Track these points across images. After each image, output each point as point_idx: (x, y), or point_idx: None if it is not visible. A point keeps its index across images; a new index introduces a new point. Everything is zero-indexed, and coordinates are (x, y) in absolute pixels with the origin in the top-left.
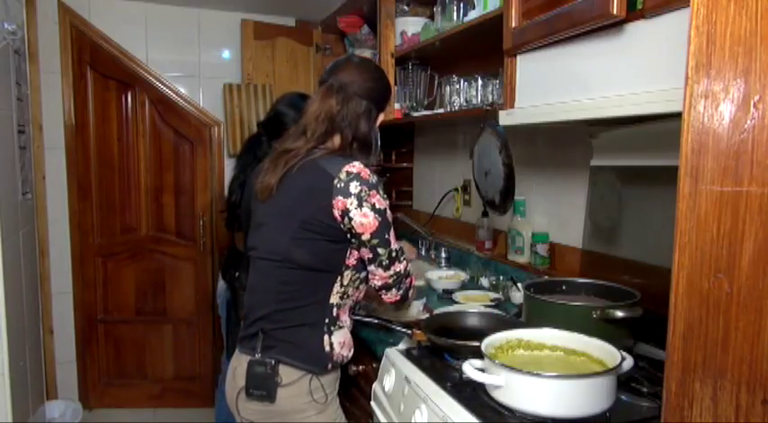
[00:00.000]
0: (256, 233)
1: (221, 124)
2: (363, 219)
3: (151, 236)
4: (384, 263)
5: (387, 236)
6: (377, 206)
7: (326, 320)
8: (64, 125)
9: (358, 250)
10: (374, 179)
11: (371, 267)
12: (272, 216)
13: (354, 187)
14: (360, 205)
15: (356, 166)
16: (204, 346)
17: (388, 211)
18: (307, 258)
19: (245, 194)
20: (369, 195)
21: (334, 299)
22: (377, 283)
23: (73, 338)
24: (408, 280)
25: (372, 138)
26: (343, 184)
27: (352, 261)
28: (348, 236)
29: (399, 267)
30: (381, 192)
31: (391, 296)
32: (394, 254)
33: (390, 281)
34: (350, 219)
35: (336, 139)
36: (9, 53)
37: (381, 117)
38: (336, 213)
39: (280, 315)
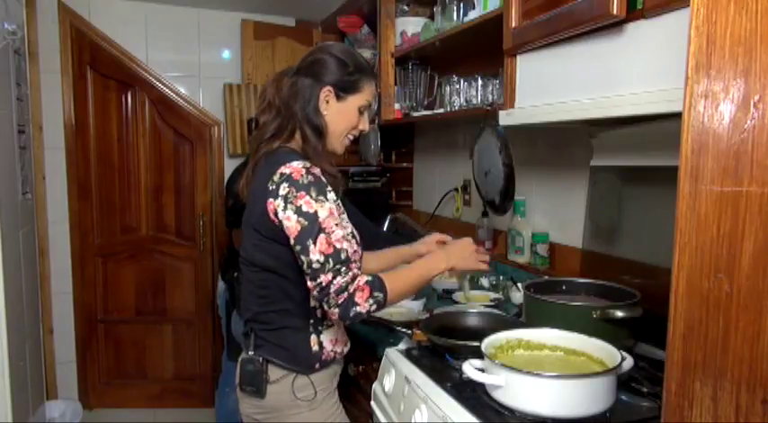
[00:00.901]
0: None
1: (221, 124)
2: (286, 222)
3: (151, 236)
4: (307, 272)
5: (308, 243)
6: (303, 209)
7: (311, 321)
8: (64, 125)
9: None
10: (307, 179)
11: (306, 277)
12: (243, 222)
13: (283, 189)
14: (285, 208)
15: (291, 167)
16: (204, 346)
17: (322, 215)
18: (270, 263)
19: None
20: (295, 197)
21: (315, 300)
22: (312, 294)
23: (73, 338)
24: (342, 297)
25: (312, 116)
26: (275, 186)
27: None
28: None
29: (323, 279)
30: (314, 193)
31: (328, 312)
32: (317, 265)
33: (316, 292)
34: (280, 222)
35: (290, 127)
36: (9, 53)
37: (351, 97)
38: (272, 216)
39: (263, 317)
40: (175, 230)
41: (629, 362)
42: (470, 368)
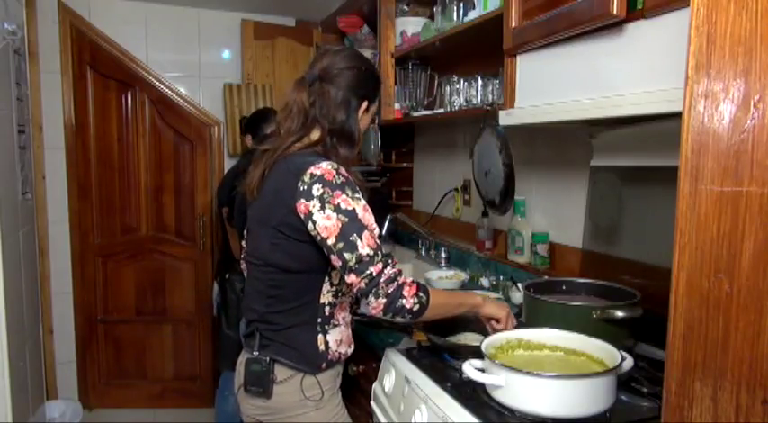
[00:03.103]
0: (248, 237)
1: (221, 124)
2: (327, 221)
3: (151, 236)
4: (354, 267)
5: (353, 238)
6: (342, 207)
7: (319, 320)
8: (64, 125)
9: (329, 257)
10: (340, 180)
11: (344, 275)
12: (254, 221)
13: (317, 189)
14: (322, 207)
15: (321, 168)
16: (204, 346)
17: (360, 212)
18: (287, 262)
19: (237, 196)
20: (332, 196)
21: (325, 298)
22: (355, 290)
23: (73, 338)
24: (392, 286)
25: (353, 128)
26: (306, 187)
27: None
28: (319, 240)
29: (372, 269)
30: (350, 192)
31: (372, 304)
32: (367, 258)
33: (363, 284)
34: (314, 222)
35: (315, 134)
36: (9, 53)
37: (372, 108)
38: (302, 217)
39: (271, 317)
40: (175, 230)
41: (629, 362)
42: (470, 368)
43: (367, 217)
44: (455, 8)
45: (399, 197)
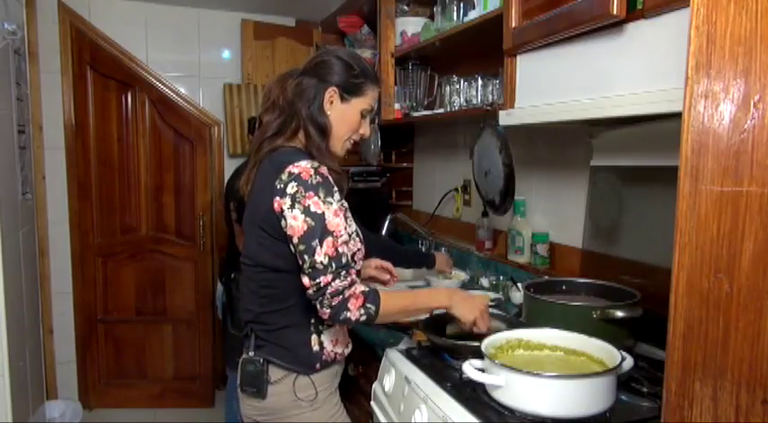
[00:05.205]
0: (244, 238)
1: (221, 124)
2: (293, 221)
3: (151, 236)
4: (308, 271)
5: (314, 243)
6: (311, 209)
7: (312, 320)
8: (64, 125)
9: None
10: (316, 180)
11: (301, 275)
12: (245, 220)
13: (291, 188)
14: (292, 206)
15: (300, 166)
16: (204, 346)
17: (329, 217)
18: (274, 261)
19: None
20: (304, 197)
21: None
22: (307, 293)
23: (73, 338)
24: (337, 299)
25: (316, 114)
26: (282, 185)
27: None
28: (287, 237)
29: (322, 279)
30: (323, 194)
31: (319, 311)
32: (320, 267)
33: (311, 291)
34: (284, 220)
35: (293, 125)
36: (9, 53)
37: (356, 100)
38: (278, 214)
39: (264, 317)
40: (175, 230)
41: (629, 362)
42: (470, 368)
43: (335, 222)
44: (455, 8)
45: (399, 197)
